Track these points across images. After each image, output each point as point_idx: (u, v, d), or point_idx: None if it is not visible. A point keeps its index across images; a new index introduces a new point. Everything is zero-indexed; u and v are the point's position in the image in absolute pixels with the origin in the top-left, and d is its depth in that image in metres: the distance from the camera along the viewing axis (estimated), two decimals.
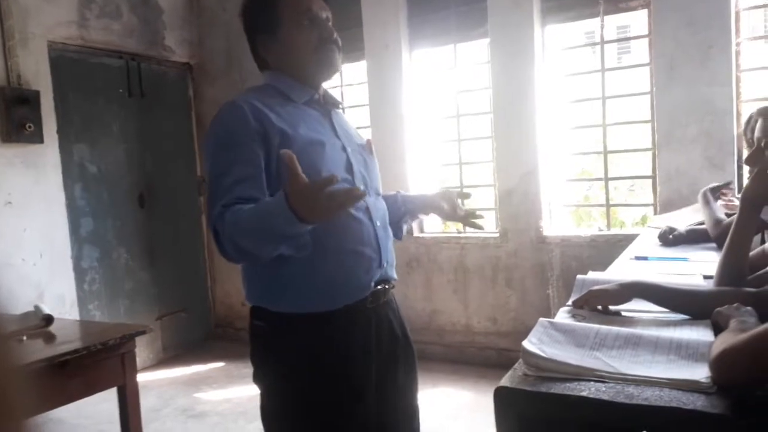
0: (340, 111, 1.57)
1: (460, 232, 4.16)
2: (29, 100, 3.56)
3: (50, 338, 2.23)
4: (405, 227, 1.68)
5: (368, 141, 1.57)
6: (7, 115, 3.45)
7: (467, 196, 1.67)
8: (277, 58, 1.45)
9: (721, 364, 0.88)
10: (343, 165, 1.41)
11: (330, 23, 1.46)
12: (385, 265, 1.46)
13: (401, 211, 1.63)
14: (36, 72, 3.67)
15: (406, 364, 1.56)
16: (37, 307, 2.40)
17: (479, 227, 1.65)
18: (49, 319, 2.35)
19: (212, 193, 1.30)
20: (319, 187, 1.10)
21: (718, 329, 1.09)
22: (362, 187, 1.41)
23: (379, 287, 1.45)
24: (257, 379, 1.44)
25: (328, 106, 1.51)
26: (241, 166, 1.29)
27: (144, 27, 4.40)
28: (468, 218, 1.63)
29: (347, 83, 4.42)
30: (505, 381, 0.98)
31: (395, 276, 1.54)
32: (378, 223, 1.44)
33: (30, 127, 3.54)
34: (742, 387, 0.86)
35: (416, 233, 4.12)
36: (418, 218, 1.73)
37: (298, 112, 1.41)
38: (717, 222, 2.07)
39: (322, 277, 1.35)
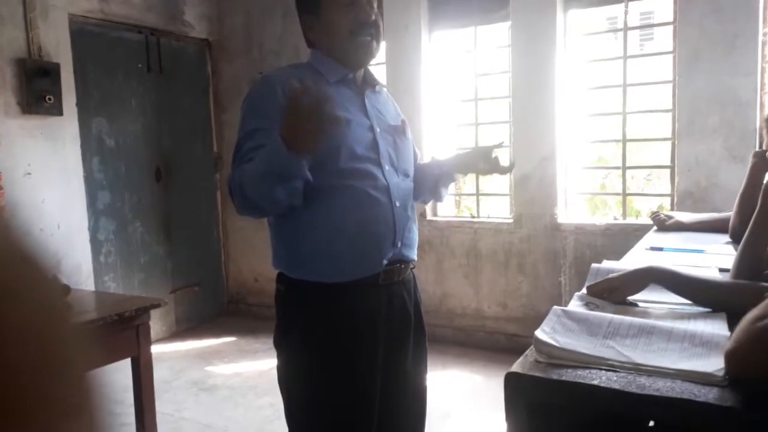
0: (381, 91, 1.60)
1: (473, 217, 4.15)
2: (49, 73, 3.58)
3: (67, 308, 2.27)
4: (444, 191, 1.71)
5: (402, 122, 1.59)
6: (27, 86, 3.48)
7: (500, 145, 1.70)
8: (318, 38, 1.51)
9: (733, 357, 0.87)
10: (367, 143, 1.45)
11: (371, 7, 1.48)
12: (399, 245, 1.48)
13: (436, 174, 1.67)
14: (56, 45, 3.68)
15: (416, 345, 1.58)
16: (54, 277, 2.44)
17: (508, 171, 1.66)
18: (66, 289, 2.39)
19: (234, 156, 1.39)
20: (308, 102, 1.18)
21: (733, 322, 1.09)
22: (387, 167, 1.46)
23: (393, 266, 1.48)
24: (275, 341, 1.49)
25: (364, 86, 1.54)
26: (262, 133, 1.35)
27: (164, 2, 4.38)
28: (507, 168, 1.63)
29: None
30: (516, 367, 0.99)
31: (413, 257, 1.56)
32: (397, 204, 1.47)
33: (50, 99, 3.56)
34: (756, 381, 0.86)
35: (429, 216, 4.12)
36: (454, 180, 1.74)
37: (329, 91, 1.44)
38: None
39: (335, 250, 1.40)
